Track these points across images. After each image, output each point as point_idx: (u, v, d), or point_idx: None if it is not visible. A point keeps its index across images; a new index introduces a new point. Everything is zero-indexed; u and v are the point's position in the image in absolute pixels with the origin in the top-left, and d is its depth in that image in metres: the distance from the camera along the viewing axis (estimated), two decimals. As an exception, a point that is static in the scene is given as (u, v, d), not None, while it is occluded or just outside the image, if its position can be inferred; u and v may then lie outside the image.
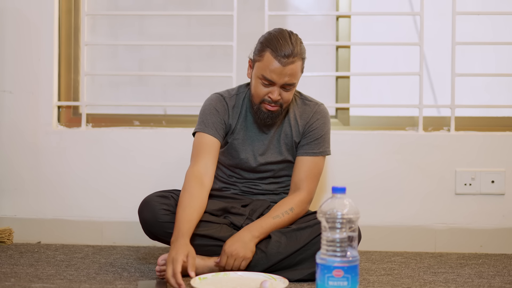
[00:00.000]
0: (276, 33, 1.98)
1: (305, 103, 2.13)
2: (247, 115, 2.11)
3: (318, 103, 2.14)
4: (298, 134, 2.11)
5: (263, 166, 2.12)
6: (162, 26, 2.77)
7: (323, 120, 2.11)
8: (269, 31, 2.02)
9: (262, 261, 1.94)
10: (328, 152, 2.12)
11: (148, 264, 2.17)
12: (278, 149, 2.11)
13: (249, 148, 2.11)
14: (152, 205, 1.96)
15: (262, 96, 1.99)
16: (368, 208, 2.51)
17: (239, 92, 2.14)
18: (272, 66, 1.93)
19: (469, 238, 2.50)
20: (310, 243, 1.91)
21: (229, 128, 2.10)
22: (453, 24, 2.55)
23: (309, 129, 2.10)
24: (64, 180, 2.61)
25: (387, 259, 2.34)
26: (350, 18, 2.66)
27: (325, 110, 2.14)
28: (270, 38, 1.96)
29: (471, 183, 2.51)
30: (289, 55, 1.92)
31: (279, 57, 1.92)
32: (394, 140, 2.55)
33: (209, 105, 2.10)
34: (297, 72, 1.97)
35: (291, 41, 1.94)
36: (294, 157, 2.13)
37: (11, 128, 2.63)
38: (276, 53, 1.92)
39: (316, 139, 2.09)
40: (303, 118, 2.11)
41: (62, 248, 2.45)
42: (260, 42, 1.99)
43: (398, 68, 2.73)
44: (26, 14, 2.61)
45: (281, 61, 1.92)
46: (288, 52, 1.92)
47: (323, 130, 2.10)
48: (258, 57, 1.98)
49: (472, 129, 2.59)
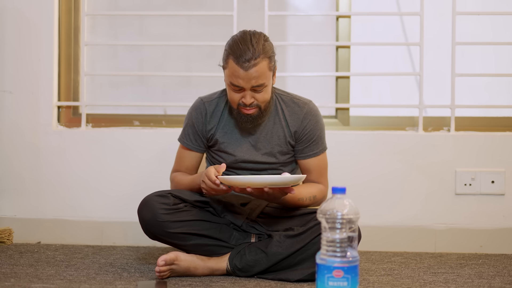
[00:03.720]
0: (237, 38, 1.97)
1: (293, 101, 2.13)
2: (230, 119, 2.12)
3: (306, 102, 2.13)
4: (291, 135, 2.11)
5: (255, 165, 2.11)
6: (162, 26, 2.77)
7: (315, 119, 2.11)
8: (232, 36, 2.02)
9: (262, 261, 1.94)
10: (326, 146, 2.16)
11: (148, 264, 2.17)
12: (269, 151, 2.11)
13: (237, 150, 2.11)
14: (152, 205, 1.97)
15: (237, 102, 2.00)
16: (368, 208, 2.50)
17: (221, 95, 2.15)
18: (236, 72, 1.93)
19: (469, 238, 2.50)
20: (310, 243, 1.91)
21: (208, 133, 2.13)
22: (453, 24, 2.55)
23: (303, 131, 2.10)
24: (64, 180, 2.61)
25: (387, 259, 2.33)
26: (350, 18, 2.66)
27: (315, 108, 2.14)
28: (232, 44, 1.96)
29: (471, 183, 2.51)
30: (250, 59, 1.91)
31: (241, 63, 1.92)
32: (394, 140, 2.54)
33: (189, 116, 2.17)
34: (264, 72, 1.95)
35: (252, 43, 1.93)
36: (289, 158, 2.13)
37: (11, 128, 2.62)
38: (238, 59, 1.92)
39: (313, 140, 2.11)
40: (294, 118, 2.11)
41: (62, 248, 2.45)
42: (225, 49, 2.00)
43: (398, 68, 2.73)
44: (26, 14, 2.61)
45: (243, 66, 1.92)
46: (248, 56, 1.91)
47: (317, 130, 2.11)
48: (224, 64, 1.99)
49: (472, 129, 2.58)
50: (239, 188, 1.86)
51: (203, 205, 2.04)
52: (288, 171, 2.16)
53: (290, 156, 2.14)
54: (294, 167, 2.19)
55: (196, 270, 1.96)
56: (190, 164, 2.17)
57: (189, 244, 1.97)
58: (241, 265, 1.95)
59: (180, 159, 2.19)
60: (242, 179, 1.82)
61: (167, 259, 1.91)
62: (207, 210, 2.04)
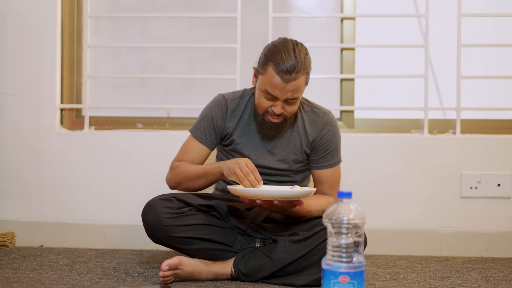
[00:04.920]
0: (279, 45, 1.93)
1: (313, 111, 2.12)
2: (250, 121, 2.10)
3: (326, 112, 2.13)
4: (308, 144, 2.10)
5: (267, 170, 2.10)
6: (164, 28, 2.75)
7: (333, 130, 2.11)
8: (273, 42, 1.97)
9: (267, 266, 1.92)
10: (341, 159, 2.15)
11: (152, 269, 2.15)
12: (283, 158, 2.10)
13: (252, 153, 2.10)
14: (156, 208, 1.95)
15: (265, 109, 1.98)
16: (372, 211, 2.49)
17: (243, 95, 2.13)
18: (274, 81, 1.90)
19: (475, 241, 2.48)
20: (316, 249, 1.89)
21: (225, 131, 2.11)
22: (458, 25, 2.53)
23: (320, 141, 2.09)
24: (66, 183, 2.59)
25: (392, 263, 2.32)
26: (355, 20, 2.64)
27: (334, 119, 2.13)
28: (273, 51, 1.92)
29: (477, 186, 2.49)
30: (291, 71, 1.88)
31: (282, 73, 1.89)
32: (399, 143, 2.53)
33: (208, 109, 2.13)
34: (301, 87, 1.94)
35: (295, 55, 1.90)
36: (301, 167, 2.13)
37: (13, 130, 2.61)
38: (279, 68, 1.89)
39: (329, 152, 2.10)
40: (313, 128, 2.10)
41: (64, 252, 2.44)
42: (264, 54, 1.96)
43: (402, 71, 2.71)
44: (28, 16, 2.60)
45: (283, 77, 1.89)
46: (290, 67, 1.88)
47: (334, 141, 2.11)
48: (261, 70, 1.95)
49: (477, 132, 2.56)
50: (249, 200, 1.84)
51: (207, 209, 2.03)
52: (299, 179, 2.15)
53: (303, 165, 2.14)
54: (306, 175, 2.18)
55: (200, 274, 1.94)
56: (196, 157, 2.11)
57: (194, 248, 1.96)
58: (246, 270, 1.94)
59: (187, 150, 2.13)
60: (252, 191, 1.80)
61: (171, 263, 1.89)
62: (212, 214, 2.03)
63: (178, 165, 2.09)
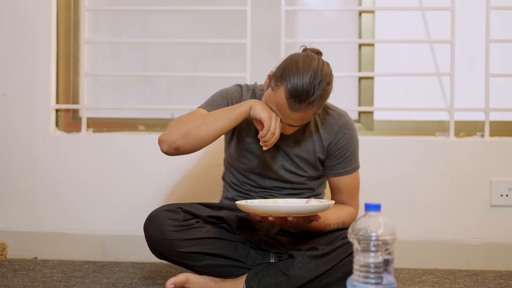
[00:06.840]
0: (302, 63, 1.72)
1: (327, 112, 1.94)
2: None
3: (342, 114, 1.95)
4: (323, 149, 1.93)
5: (280, 176, 1.95)
6: (167, 24, 2.60)
7: (350, 133, 1.94)
8: (297, 59, 1.74)
9: (283, 285, 1.75)
10: (359, 165, 1.99)
11: (155, 285, 1.98)
12: (296, 164, 1.94)
13: (266, 155, 1.93)
14: (159, 221, 1.78)
15: None
16: (394, 221, 2.30)
17: (255, 88, 1.98)
18: (281, 106, 1.72)
19: (506, 254, 2.31)
20: (338, 265, 1.72)
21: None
22: (487, 19, 2.36)
23: (336, 146, 1.92)
24: (62, 190, 2.46)
25: (417, 278, 2.13)
26: (374, 13, 2.46)
27: (351, 121, 1.96)
28: (292, 71, 1.70)
29: (507, 194, 2.32)
30: (302, 101, 1.69)
31: (291, 100, 1.69)
32: (422, 146, 2.36)
33: (225, 90, 1.95)
34: (308, 117, 1.76)
35: (313, 83, 1.69)
36: (316, 172, 1.97)
37: (5, 133, 2.48)
38: (289, 95, 1.69)
39: (346, 157, 1.94)
40: (327, 131, 1.93)
41: (60, 265, 2.26)
42: (283, 68, 1.74)
43: (417, 69, 2.53)
44: (21, 9, 2.47)
45: (291, 104, 1.70)
46: (302, 97, 1.68)
47: (351, 145, 1.94)
48: (274, 84, 1.75)
49: (508, 134, 2.40)
50: (260, 216, 1.66)
51: (216, 220, 1.86)
52: (314, 186, 1.98)
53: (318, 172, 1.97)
54: (321, 182, 2.02)
55: (209, 294, 1.78)
56: None
57: (202, 264, 1.79)
58: (260, 289, 1.76)
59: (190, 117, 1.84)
60: (264, 207, 1.63)
61: (176, 282, 1.77)
62: (221, 227, 1.86)
63: (180, 117, 1.83)
